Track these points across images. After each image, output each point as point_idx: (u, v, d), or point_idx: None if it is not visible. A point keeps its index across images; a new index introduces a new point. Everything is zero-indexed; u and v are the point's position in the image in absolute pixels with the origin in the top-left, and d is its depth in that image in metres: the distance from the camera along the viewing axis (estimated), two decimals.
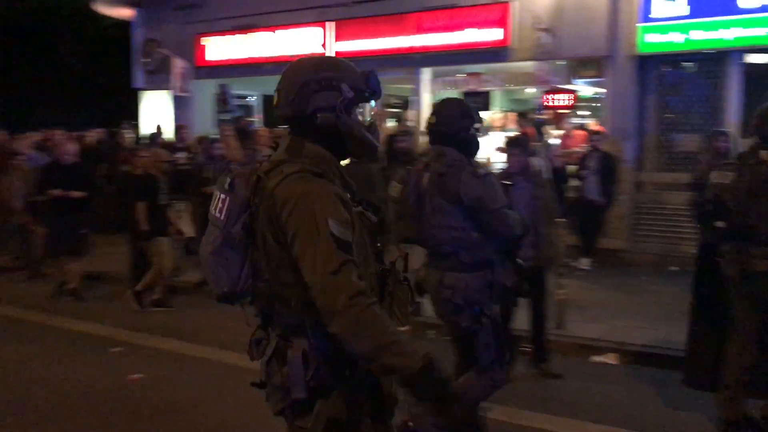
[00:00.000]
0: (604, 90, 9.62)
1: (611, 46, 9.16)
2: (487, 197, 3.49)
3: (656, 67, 9.25)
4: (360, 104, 2.09)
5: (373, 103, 2.21)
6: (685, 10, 8.63)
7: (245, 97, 14.37)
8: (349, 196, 2.01)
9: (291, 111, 2.03)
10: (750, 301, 3.84)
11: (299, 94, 2.00)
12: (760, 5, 8.19)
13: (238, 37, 12.46)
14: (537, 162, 5.91)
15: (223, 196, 1.99)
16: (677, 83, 9.15)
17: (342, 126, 2.03)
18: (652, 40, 8.88)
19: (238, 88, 13.38)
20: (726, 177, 3.91)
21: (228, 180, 1.99)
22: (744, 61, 8.66)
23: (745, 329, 3.89)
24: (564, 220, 6.51)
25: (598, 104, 10.11)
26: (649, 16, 8.88)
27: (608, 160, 8.54)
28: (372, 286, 2.00)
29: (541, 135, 9.73)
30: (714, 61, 8.83)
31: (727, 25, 8.41)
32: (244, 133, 9.43)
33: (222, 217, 1.97)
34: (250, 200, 1.95)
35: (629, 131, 9.16)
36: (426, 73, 11.08)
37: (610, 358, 5.72)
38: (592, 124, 10.20)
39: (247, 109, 14.30)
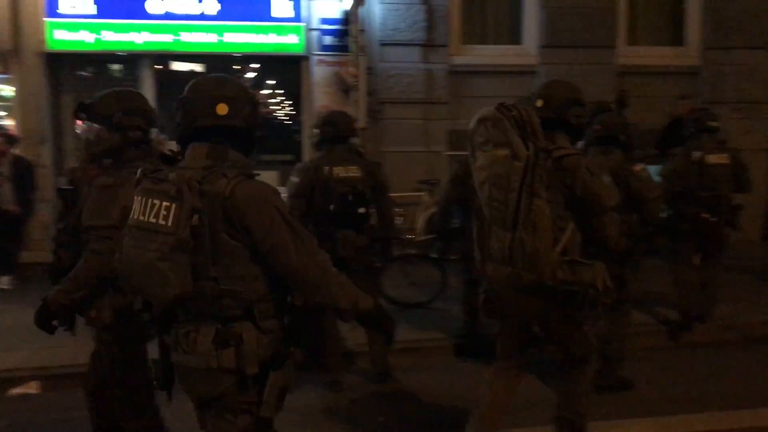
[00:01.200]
0: (13, 88, 8.71)
1: (16, 39, 8.31)
2: None
3: (73, 66, 8.82)
4: None
5: None
6: (93, 9, 8.41)
7: None
8: None
9: (245, 123, 2.29)
10: None
11: (250, 108, 2.31)
12: (164, 12, 8.54)
13: None
14: None
15: (167, 203, 2.08)
16: (94, 84, 8.85)
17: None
18: (62, 37, 8.40)
19: None
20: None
21: (174, 188, 2.07)
22: (156, 65, 8.92)
23: None
24: None
25: (11, 103, 9.11)
26: (57, 11, 8.37)
27: (22, 165, 7.75)
28: None
29: None
30: (131, 64, 8.88)
31: (137, 29, 8.52)
32: None
33: (169, 224, 2.07)
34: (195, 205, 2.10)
35: (45, 133, 8.52)
36: None
37: (32, 388, 5.05)
38: (11, 125, 9.15)
39: None
